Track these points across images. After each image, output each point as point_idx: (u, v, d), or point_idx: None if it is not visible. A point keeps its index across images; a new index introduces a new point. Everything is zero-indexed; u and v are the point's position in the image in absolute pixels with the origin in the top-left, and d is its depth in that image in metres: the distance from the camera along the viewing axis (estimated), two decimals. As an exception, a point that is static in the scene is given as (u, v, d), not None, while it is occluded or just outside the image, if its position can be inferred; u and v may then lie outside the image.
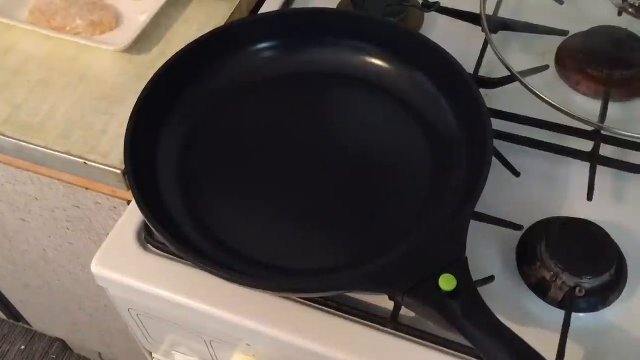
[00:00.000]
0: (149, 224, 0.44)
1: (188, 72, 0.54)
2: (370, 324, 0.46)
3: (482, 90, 0.55)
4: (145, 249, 0.51)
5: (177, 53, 0.54)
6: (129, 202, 0.61)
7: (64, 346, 1.48)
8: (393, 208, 0.48)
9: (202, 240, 0.46)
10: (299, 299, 0.48)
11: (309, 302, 0.48)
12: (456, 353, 0.44)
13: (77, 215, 0.72)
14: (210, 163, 0.52)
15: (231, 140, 0.53)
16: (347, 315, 0.47)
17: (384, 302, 0.47)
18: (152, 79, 0.52)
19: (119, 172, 0.55)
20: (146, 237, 0.52)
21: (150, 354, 0.64)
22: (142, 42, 0.64)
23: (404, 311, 0.46)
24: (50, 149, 0.57)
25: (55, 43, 0.65)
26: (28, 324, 1.42)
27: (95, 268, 0.51)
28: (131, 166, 0.46)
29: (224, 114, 0.54)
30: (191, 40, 0.55)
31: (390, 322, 0.45)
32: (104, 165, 0.55)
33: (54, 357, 1.49)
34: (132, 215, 0.53)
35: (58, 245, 0.83)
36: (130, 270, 0.50)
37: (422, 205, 0.48)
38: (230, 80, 0.55)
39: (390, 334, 0.46)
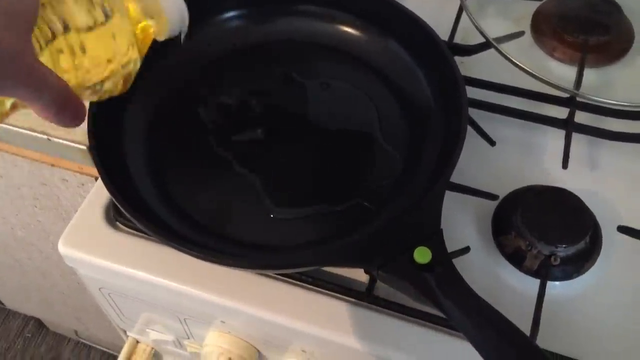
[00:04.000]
0: (116, 202, 0.43)
1: (153, 41, 0.51)
2: (346, 297, 0.46)
3: (458, 58, 0.54)
4: (114, 227, 0.50)
5: (141, 22, 0.51)
6: (96, 179, 0.60)
7: (39, 324, 1.47)
8: (367, 180, 0.47)
9: (171, 218, 0.45)
10: (273, 275, 0.47)
11: (283, 278, 0.47)
12: (432, 325, 0.44)
13: (44, 192, 0.70)
14: (179, 138, 0.50)
15: (198, 114, 0.51)
16: (322, 290, 0.46)
17: (359, 275, 0.47)
18: (115, 50, 0.49)
19: (84, 147, 0.53)
20: (114, 215, 0.50)
21: (125, 332, 0.63)
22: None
23: (379, 284, 0.45)
24: (12, 125, 0.55)
25: None
26: (1, 303, 1.40)
27: (62, 248, 0.49)
28: (95, 142, 0.44)
29: (191, 87, 0.53)
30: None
31: (366, 296, 0.45)
32: (69, 141, 0.53)
33: (29, 335, 1.47)
34: (100, 193, 0.51)
35: (26, 224, 0.81)
36: (99, 249, 0.49)
37: (396, 176, 0.47)
38: (197, 51, 0.53)
39: (366, 307, 0.46)
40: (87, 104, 0.38)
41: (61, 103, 0.33)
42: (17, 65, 0.30)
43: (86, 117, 0.44)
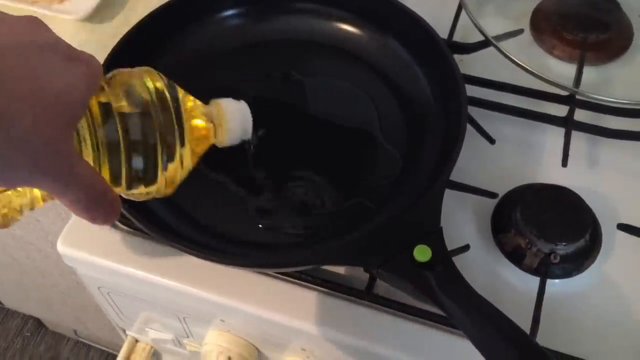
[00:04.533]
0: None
1: (152, 41, 0.51)
2: (345, 296, 0.46)
3: (457, 56, 0.54)
4: (113, 226, 0.50)
5: (140, 21, 0.51)
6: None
7: (39, 323, 1.47)
8: (367, 178, 0.47)
9: (170, 217, 0.45)
10: (273, 274, 0.47)
11: (283, 276, 0.47)
12: (432, 323, 0.44)
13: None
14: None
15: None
16: (322, 288, 0.46)
17: (359, 274, 0.47)
18: (113, 49, 0.49)
19: (82, 147, 0.53)
20: (113, 214, 0.50)
21: (124, 331, 0.63)
22: (103, 10, 0.61)
23: (379, 283, 0.45)
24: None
25: (10, 12, 0.62)
26: (0, 302, 1.40)
27: (61, 247, 0.49)
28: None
29: (190, 86, 0.52)
30: (155, 7, 0.52)
31: (366, 294, 0.45)
32: (67, 140, 0.53)
33: (29, 334, 1.47)
34: (98, 192, 0.51)
35: (25, 223, 0.81)
36: (98, 248, 0.49)
37: (396, 174, 0.47)
38: (196, 50, 0.53)
39: (365, 305, 0.45)
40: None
41: (92, 201, 0.31)
42: (46, 157, 0.28)
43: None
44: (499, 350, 0.35)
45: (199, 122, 0.37)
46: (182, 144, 0.35)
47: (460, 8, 0.61)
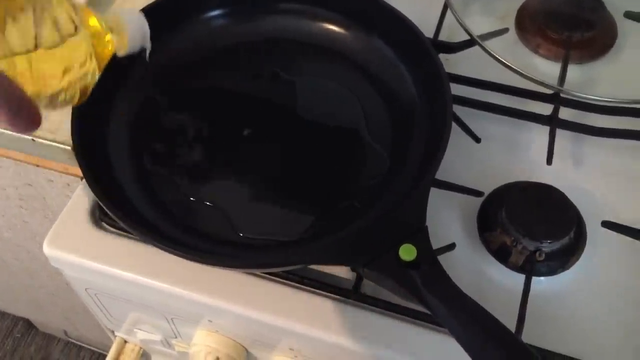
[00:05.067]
0: (101, 203, 0.43)
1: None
2: (333, 295, 0.46)
3: (443, 55, 0.55)
4: (100, 227, 0.50)
5: (125, 21, 0.51)
6: (82, 179, 0.59)
7: (29, 324, 1.46)
8: (353, 178, 0.47)
9: (157, 218, 0.45)
10: (260, 274, 0.47)
11: (270, 276, 0.47)
12: (419, 322, 0.45)
13: (29, 193, 0.69)
14: (164, 137, 0.50)
15: (184, 112, 0.51)
16: (309, 288, 0.46)
17: (346, 273, 0.47)
18: (99, 49, 0.49)
19: (68, 148, 0.53)
20: (100, 215, 0.50)
21: (113, 332, 0.63)
22: (92, 6, 0.61)
23: (366, 282, 0.45)
24: (-5, 126, 0.54)
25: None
26: (-11, 304, 1.39)
27: (47, 249, 0.49)
28: (79, 142, 0.44)
29: (176, 86, 0.52)
30: (141, 7, 0.52)
31: (353, 293, 0.45)
32: (53, 142, 0.53)
33: (19, 335, 1.46)
34: (84, 193, 0.51)
35: (13, 225, 0.80)
36: (84, 250, 0.48)
37: (382, 174, 0.47)
38: (182, 51, 0.53)
39: (353, 305, 0.46)
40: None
41: (15, 107, 0.32)
42: None
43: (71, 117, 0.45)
44: (485, 348, 0.35)
45: (96, 26, 0.39)
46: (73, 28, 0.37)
47: (445, 7, 0.61)
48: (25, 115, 0.33)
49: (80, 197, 0.51)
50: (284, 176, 0.48)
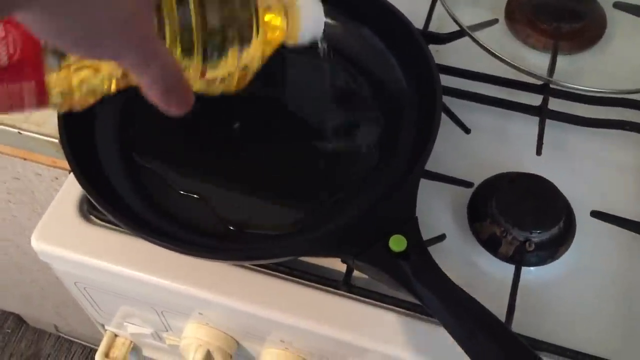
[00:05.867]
0: (89, 196, 0.42)
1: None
2: (323, 287, 0.46)
3: (433, 46, 0.55)
4: (88, 220, 0.49)
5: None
6: (70, 172, 0.59)
7: (19, 320, 1.45)
8: (343, 170, 0.47)
9: (145, 210, 0.45)
10: (250, 266, 0.47)
11: (260, 268, 0.47)
12: (410, 313, 0.45)
13: (17, 187, 0.69)
14: (153, 129, 0.49)
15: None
16: (299, 280, 0.46)
17: (336, 264, 0.47)
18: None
19: (56, 141, 0.52)
20: (88, 209, 0.50)
21: (103, 326, 0.63)
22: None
23: (356, 273, 0.45)
24: (-19, 119, 0.54)
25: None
26: (-21, 299, 1.38)
27: (35, 243, 0.48)
28: (66, 135, 0.44)
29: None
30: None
31: (343, 285, 0.45)
32: (40, 135, 0.53)
33: (9, 331, 1.45)
34: (73, 186, 0.51)
35: (1, 219, 0.80)
36: (72, 244, 0.48)
37: (372, 165, 0.47)
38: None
39: (343, 296, 0.46)
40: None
41: (170, 83, 0.32)
42: (132, 27, 0.29)
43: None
44: (474, 338, 0.35)
45: (271, 17, 0.37)
46: (256, 32, 0.35)
47: (435, -2, 0.61)
48: (179, 93, 0.33)
49: (69, 190, 0.51)
50: (272, 169, 0.48)
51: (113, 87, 0.36)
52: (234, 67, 0.36)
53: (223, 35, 0.34)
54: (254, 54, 0.36)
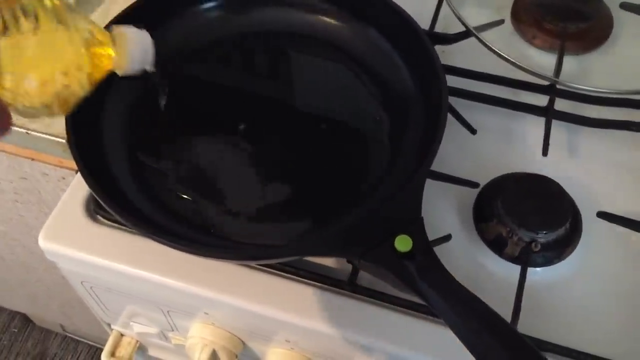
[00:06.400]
0: (96, 196, 0.42)
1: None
2: (329, 287, 0.46)
3: (439, 47, 0.55)
4: (95, 220, 0.50)
5: (120, 13, 0.51)
6: (77, 172, 0.59)
7: (25, 319, 1.46)
8: (348, 169, 0.47)
9: (152, 210, 0.44)
10: (255, 266, 0.47)
11: (266, 268, 0.47)
12: (415, 313, 0.45)
13: (24, 186, 0.69)
14: (159, 130, 0.49)
15: (179, 105, 0.51)
16: (305, 280, 0.46)
17: (342, 264, 0.47)
18: (93, 41, 0.49)
19: (63, 141, 0.53)
20: (95, 208, 0.50)
21: (109, 325, 0.63)
22: (83, 3, 0.61)
23: (362, 274, 0.45)
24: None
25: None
26: (-14, 298, 1.38)
27: (42, 242, 0.49)
28: (73, 135, 0.44)
29: (170, 80, 0.52)
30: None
31: (348, 285, 0.45)
32: (47, 135, 0.53)
33: (16, 330, 1.46)
34: (80, 186, 0.51)
35: (8, 219, 0.80)
36: (79, 243, 0.48)
37: (377, 165, 0.47)
38: (177, 42, 0.52)
39: (349, 296, 0.46)
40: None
41: None
42: None
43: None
44: (480, 339, 0.35)
45: (98, 46, 0.38)
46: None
47: (441, -1, 0.61)
48: None
49: (75, 190, 0.51)
50: (278, 170, 0.48)
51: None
52: (46, 98, 0.36)
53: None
54: (75, 77, 0.36)
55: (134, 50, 0.40)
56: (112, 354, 0.62)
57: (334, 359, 0.48)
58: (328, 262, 0.47)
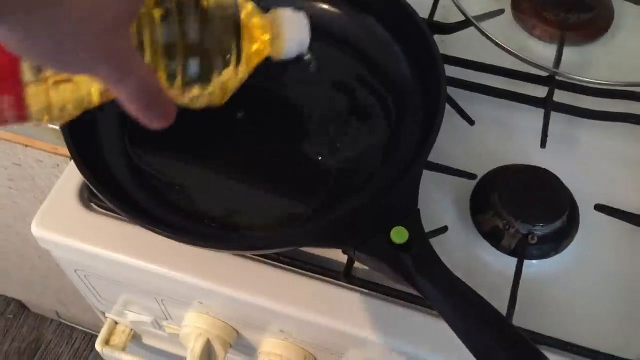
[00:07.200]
0: (89, 184, 0.42)
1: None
2: (324, 278, 0.46)
3: (439, 37, 0.54)
4: (89, 208, 0.49)
5: None
6: (71, 159, 0.58)
7: (21, 306, 1.46)
8: (344, 160, 0.47)
9: (146, 199, 0.44)
10: (250, 256, 0.47)
11: (261, 259, 0.47)
12: (410, 305, 0.44)
13: (18, 173, 0.68)
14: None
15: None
16: (300, 271, 0.46)
17: (337, 256, 0.46)
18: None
19: (57, 128, 0.52)
20: (89, 196, 0.49)
21: (104, 313, 0.63)
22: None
23: (357, 265, 0.45)
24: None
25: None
26: (-19, 285, 1.38)
27: (35, 230, 0.48)
28: (68, 122, 0.43)
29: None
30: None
31: (344, 276, 0.45)
32: (41, 121, 0.52)
33: (11, 316, 1.46)
34: (73, 174, 0.51)
35: (2, 205, 0.80)
36: (73, 231, 0.48)
37: (374, 156, 0.47)
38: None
39: (344, 288, 0.45)
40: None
41: (148, 98, 0.31)
42: (105, 42, 0.28)
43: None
44: (475, 332, 0.35)
45: (256, 31, 0.37)
46: (238, 50, 0.35)
47: (441, -13, 0.60)
48: (158, 107, 0.32)
49: (69, 177, 0.50)
50: (274, 160, 0.48)
51: (96, 99, 0.35)
52: (215, 86, 0.36)
53: (204, 55, 0.34)
54: (239, 72, 0.36)
55: (291, 35, 0.38)
56: (107, 342, 0.61)
57: (328, 350, 0.48)
58: (324, 253, 0.47)
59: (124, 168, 0.46)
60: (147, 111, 0.32)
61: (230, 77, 0.36)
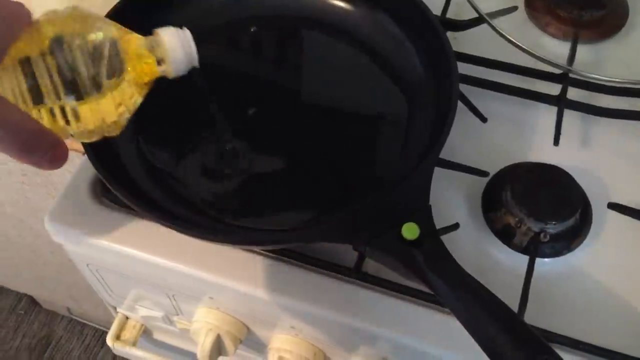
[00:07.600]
0: (102, 178, 0.42)
1: (136, 17, 0.50)
2: (334, 274, 0.46)
3: (451, 33, 0.54)
4: (101, 202, 0.49)
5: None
6: (84, 154, 0.59)
7: (32, 301, 1.47)
8: (356, 156, 0.47)
9: (159, 194, 0.44)
10: (261, 251, 0.47)
11: (272, 254, 0.47)
12: (421, 301, 0.44)
13: (31, 168, 0.68)
14: (167, 113, 0.49)
15: (188, 90, 0.50)
16: (310, 266, 0.46)
17: (348, 251, 0.46)
18: (100, 22, 0.48)
19: (70, 123, 0.52)
20: (101, 191, 0.50)
21: (115, 308, 0.63)
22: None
23: (368, 261, 0.45)
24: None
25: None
26: (-7, 279, 1.40)
27: (49, 224, 0.49)
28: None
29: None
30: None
31: (355, 272, 0.45)
32: (54, 116, 0.52)
33: (22, 312, 1.47)
34: (86, 168, 0.51)
35: (15, 200, 0.80)
36: (85, 225, 0.48)
37: (386, 152, 0.47)
38: (186, 26, 0.52)
39: (354, 283, 0.45)
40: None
41: (25, 140, 0.30)
42: None
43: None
44: (486, 329, 0.35)
45: (139, 57, 0.37)
46: (122, 80, 0.35)
47: (454, -16, 0.60)
48: (43, 150, 0.31)
49: (82, 172, 0.51)
50: (286, 156, 0.48)
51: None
52: (104, 118, 0.36)
53: (84, 89, 0.34)
54: (124, 100, 0.36)
55: (175, 54, 0.39)
56: (118, 337, 0.62)
57: (338, 345, 0.48)
58: (334, 248, 0.47)
59: (137, 162, 0.46)
60: (30, 155, 0.31)
61: (119, 107, 0.36)
